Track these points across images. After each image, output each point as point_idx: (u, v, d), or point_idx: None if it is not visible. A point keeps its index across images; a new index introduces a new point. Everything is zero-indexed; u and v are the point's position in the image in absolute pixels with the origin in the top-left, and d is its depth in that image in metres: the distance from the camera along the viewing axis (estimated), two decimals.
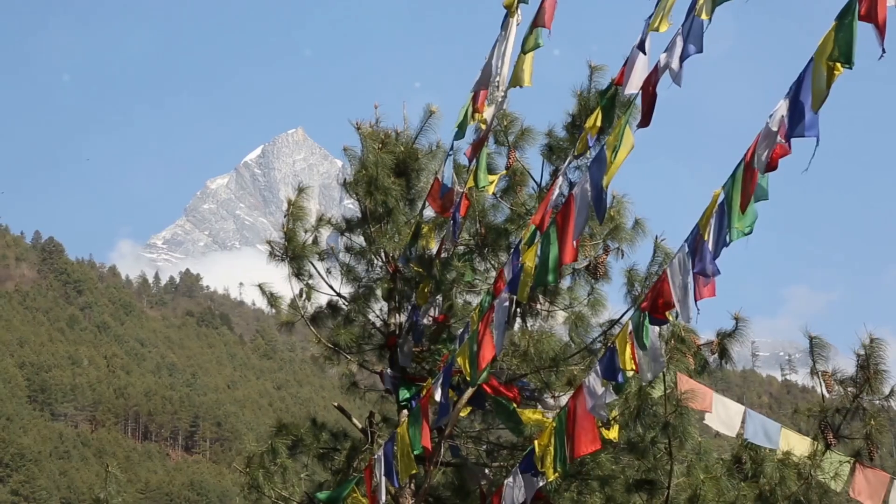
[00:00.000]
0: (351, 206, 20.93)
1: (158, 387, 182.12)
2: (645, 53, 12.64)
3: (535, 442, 14.66)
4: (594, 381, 13.86)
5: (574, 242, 13.33)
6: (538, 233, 14.08)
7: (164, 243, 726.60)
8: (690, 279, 11.83)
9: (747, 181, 10.90)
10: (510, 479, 14.94)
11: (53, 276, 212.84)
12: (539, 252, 13.73)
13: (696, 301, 11.79)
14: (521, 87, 15.24)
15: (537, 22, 14.72)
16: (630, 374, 14.39)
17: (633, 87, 12.64)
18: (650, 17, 12.39)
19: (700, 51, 11.56)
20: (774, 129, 10.51)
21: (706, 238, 11.45)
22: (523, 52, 14.91)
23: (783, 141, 10.53)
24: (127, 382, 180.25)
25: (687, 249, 11.77)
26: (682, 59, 11.51)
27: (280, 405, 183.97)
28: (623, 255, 18.08)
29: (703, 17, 11.46)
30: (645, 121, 12.35)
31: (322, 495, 17.71)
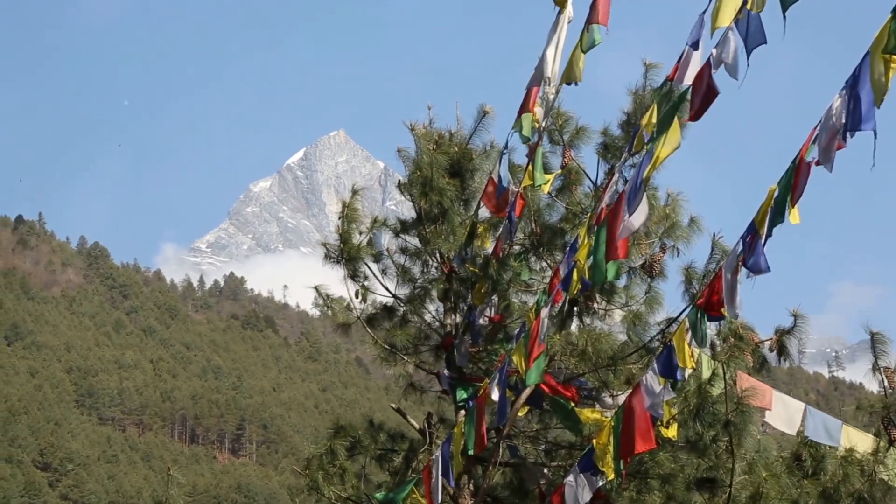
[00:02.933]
0: (393, 208, 21.01)
1: (205, 390, 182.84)
2: (697, 49, 12.59)
3: (594, 441, 14.64)
4: (651, 378, 13.85)
5: (624, 239, 13.34)
6: (592, 230, 14.09)
7: (208, 247, 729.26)
8: (738, 275, 11.86)
9: (801, 176, 10.85)
10: (570, 478, 14.93)
11: (99, 281, 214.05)
12: (592, 249, 13.77)
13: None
14: (571, 83, 15.18)
15: (592, 19, 14.64)
16: (689, 371, 14.39)
17: (685, 81, 12.63)
18: (704, 12, 12.34)
19: (763, 42, 11.49)
20: (835, 123, 10.45)
21: (762, 234, 11.44)
22: (582, 51, 14.83)
23: (841, 136, 10.48)
24: (173, 386, 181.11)
25: (741, 246, 11.76)
26: (749, 52, 11.44)
27: (326, 407, 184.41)
28: (679, 253, 18.06)
29: (756, 10, 11.42)
30: (695, 115, 12.31)
31: (380, 496, 17.73)
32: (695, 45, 12.57)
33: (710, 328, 14.71)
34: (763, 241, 11.42)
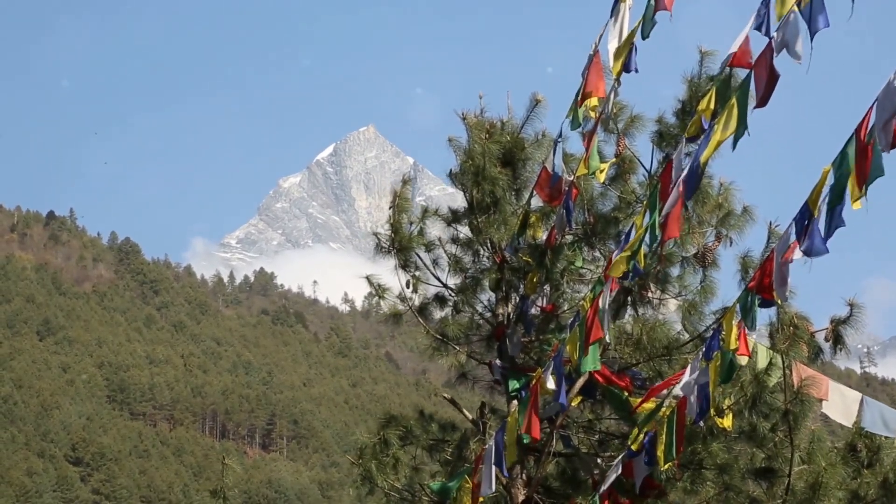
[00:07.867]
0: (423, 203, 20.96)
1: (235, 385, 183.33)
2: (766, 34, 12.49)
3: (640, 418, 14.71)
4: (696, 363, 13.89)
5: (675, 222, 13.28)
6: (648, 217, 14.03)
7: (238, 242, 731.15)
8: (789, 258, 11.80)
9: (861, 157, 10.72)
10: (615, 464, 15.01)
11: (130, 277, 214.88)
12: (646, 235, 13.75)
13: None
14: (630, 72, 15.08)
15: (656, 6, 14.50)
16: (744, 360, 14.30)
17: (745, 66, 12.55)
18: None
19: (826, 25, 11.39)
20: (892, 103, 10.34)
21: (816, 216, 11.32)
22: (643, 37, 14.73)
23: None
24: (204, 381, 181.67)
25: (794, 229, 11.65)
26: (812, 34, 11.35)
27: (355, 402, 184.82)
28: (732, 242, 17.95)
29: None
30: (762, 101, 12.21)
31: (435, 485, 17.70)
32: (758, 29, 12.48)
33: (764, 315, 14.63)
34: (827, 226, 11.31)
